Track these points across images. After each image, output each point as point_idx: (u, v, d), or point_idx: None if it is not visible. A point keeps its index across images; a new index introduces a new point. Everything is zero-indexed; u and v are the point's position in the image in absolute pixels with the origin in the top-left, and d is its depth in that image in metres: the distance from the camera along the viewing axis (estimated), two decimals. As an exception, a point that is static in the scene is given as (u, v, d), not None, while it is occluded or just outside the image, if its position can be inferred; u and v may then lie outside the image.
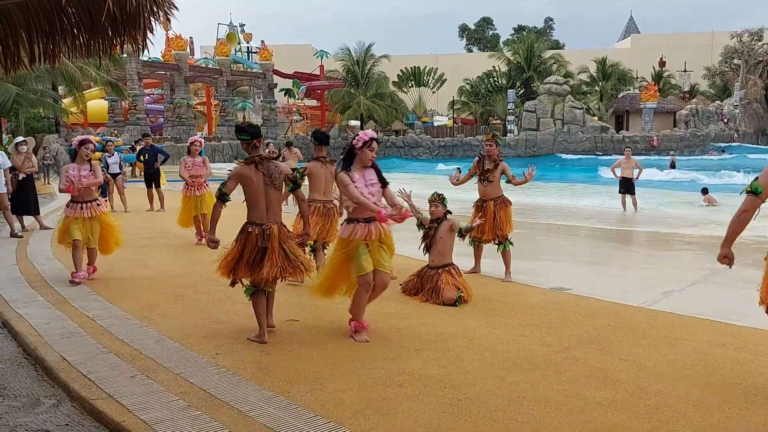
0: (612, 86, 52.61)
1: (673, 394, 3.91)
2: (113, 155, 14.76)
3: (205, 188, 9.95)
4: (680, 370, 4.34)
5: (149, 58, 39.66)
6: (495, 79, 52.19)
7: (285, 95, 52.42)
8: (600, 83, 52.67)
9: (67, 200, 7.32)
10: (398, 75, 52.31)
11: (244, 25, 53.13)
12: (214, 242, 5.06)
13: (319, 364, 4.44)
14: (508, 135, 44.94)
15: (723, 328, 5.32)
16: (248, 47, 53.50)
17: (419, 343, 4.85)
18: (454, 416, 3.61)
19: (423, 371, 4.31)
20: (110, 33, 4.90)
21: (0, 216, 11.24)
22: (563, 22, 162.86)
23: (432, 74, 52.59)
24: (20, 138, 12.25)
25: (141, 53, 5.73)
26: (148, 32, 4.80)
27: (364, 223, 4.96)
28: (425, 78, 52.58)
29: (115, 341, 4.98)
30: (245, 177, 4.96)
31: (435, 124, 51.61)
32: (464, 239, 7.05)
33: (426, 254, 6.67)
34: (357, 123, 47.66)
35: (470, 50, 78.16)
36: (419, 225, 6.65)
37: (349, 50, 48.62)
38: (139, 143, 19.66)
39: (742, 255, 6.25)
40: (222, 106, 43.97)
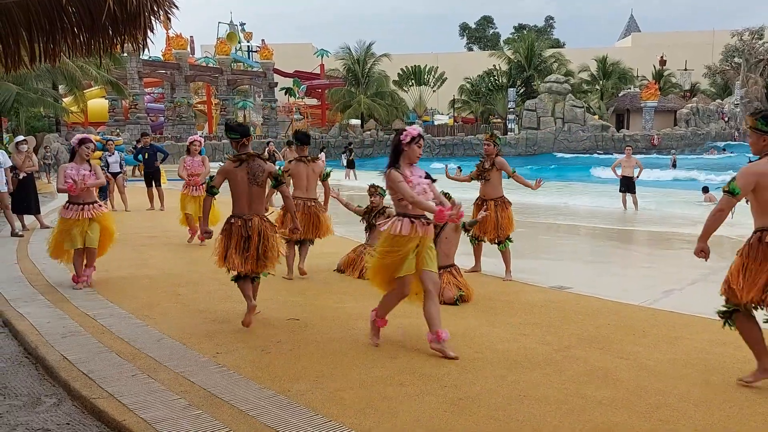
0: (612, 85, 52.61)
1: (674, 393, 3.91)
2: (113, 154, 14.75)
3: (203, 189, 9.89)
4: (681, 369, 4.34)
5: (150, 57, 39.59)
6: (495, 78, 52.17)
7: (285, 94, 52.38)
8: (600, 82, 52.65)
9: (64, 202, 7.03)
10: (399, 74, 52.27)
11: (245, 24, 53.03)
12: (207, 233, 5.64)
13: (320, 363, 4.44)
14: (509, 134, 44.95)
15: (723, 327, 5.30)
16: (249, 46, 53.40)
17: (420, 342, 4.85)
18: (455, 415, 3.61)
19: (423, 370, 4.31)
20: (111, 32, 4.91)
21: (0, 215, 11.25)
22: (564, 21, 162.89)
23: (432, 73, 52.52)
24: (21, 137, 12.24)
25: (141, 52, 5.76)
26: (149, 31, 4.82)
27: (421, 221, 4.66)
28: (426, 77, 52.50)
29: (116, 340, 4.99)
30: (231, 173, 5.37)
31: (435, 123, 51.53)
32: (468, 233, 7.12)
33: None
34: (357, 122, 47.68)
35: (471, 49, 78.01)
36: None
37: (350, 49, 48.68)
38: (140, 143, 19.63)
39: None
40: (222, 105, 43.91)
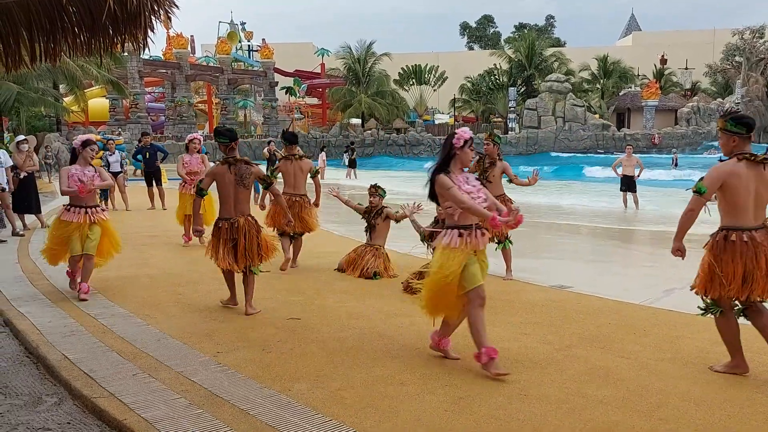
0: (613, 84, 52.59)
1: (675, 393, 3.91)
2: (114, 153, 14.75)
3: None
4: (682, 368, 4.34)
5: (150, 57, 39.60)
6: (496, 77, 52.20)
7: (286, 93, 52.34)
8: (601, 81, 52.64)
9: (66, 204, 6.67)
10: (399, 73, 52.28)
11: (245, 24, 53.01)
12: (199, 231, 6.03)
13: (321, 362, 4.44)
14: (510, 133, 44.97)
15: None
16: (249, 45, 53.37)
17: (420, 341, 4.85)
18: (456, 414, 3.61)
19: (424, 369, 4.31)
20: (111, 31, 4.91)
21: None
22: (564, 20, 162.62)
23: (433, 72, 52.54)
24: (21, 136, 12.23)
25: (142, 52, 5.77)
26: (149, 31, 4.82)
27: (473, 231, 4.28)
28: (426, 76, 52.52)
29: (117, 339, 4.99)
30: (218, 175, 5.61)
31: (436, 122, 51.58)
32: (424, 242, 7.18)
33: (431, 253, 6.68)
34: (358, 121, 47.68)
35: (471, 48, 77.99)
36: (422, 238, 6.98)
37: (350, 48, 48.67)
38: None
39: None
40: (223, 105, 43.95)
